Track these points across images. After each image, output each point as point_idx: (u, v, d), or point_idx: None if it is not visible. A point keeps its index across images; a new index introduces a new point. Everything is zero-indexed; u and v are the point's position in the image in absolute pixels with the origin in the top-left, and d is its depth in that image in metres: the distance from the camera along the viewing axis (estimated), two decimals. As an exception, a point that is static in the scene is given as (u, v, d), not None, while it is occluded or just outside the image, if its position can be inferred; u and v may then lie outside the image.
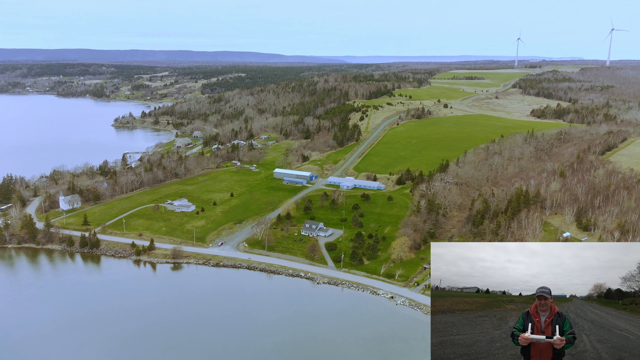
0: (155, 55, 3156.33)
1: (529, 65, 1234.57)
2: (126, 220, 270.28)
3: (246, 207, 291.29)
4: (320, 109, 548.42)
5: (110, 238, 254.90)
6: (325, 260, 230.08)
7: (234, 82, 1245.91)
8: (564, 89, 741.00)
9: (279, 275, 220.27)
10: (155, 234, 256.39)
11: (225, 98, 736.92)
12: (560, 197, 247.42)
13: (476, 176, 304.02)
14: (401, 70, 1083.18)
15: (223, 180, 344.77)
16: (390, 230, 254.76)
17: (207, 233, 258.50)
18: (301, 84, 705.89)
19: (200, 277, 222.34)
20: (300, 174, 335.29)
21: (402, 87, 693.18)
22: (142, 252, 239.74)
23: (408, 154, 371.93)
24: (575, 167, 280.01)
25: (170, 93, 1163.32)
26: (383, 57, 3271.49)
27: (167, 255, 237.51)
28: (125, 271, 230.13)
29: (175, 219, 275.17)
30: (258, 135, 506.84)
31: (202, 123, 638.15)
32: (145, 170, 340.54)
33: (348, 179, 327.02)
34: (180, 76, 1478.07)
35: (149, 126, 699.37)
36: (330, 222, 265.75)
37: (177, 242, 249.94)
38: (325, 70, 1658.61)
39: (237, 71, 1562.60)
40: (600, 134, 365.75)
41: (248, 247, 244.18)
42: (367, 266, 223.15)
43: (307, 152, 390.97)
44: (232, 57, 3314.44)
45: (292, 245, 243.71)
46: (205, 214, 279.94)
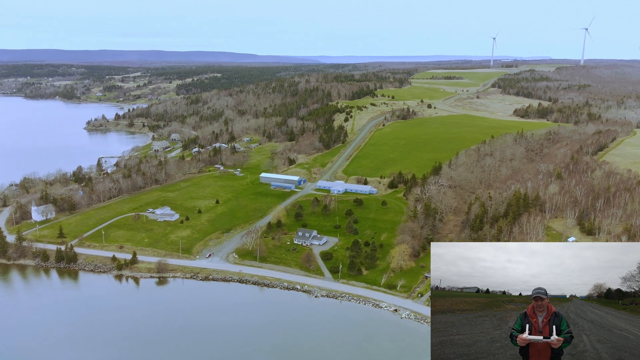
0: (126, 56, 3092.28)
1: (505, 64, 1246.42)
2: (105, 231, 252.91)
3: (233, 215, 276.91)
4: (303, 110, 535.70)
5: (89, 251, 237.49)
6: (322, 270, 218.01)
7: (209, 83, 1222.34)
8: (542, 88, 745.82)
9: (273, 289, 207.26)
10: (137, 246, 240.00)
11: (203, 99, 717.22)
12: (560, 200, 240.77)
13: (470, 178, 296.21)
14: (379, 70, 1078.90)
15: (206, 186, 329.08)
16: (387, 236, 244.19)
17: (194, 244, 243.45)
18: (282, 84, 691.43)
19: (188, 292, 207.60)
20: (288, 178, 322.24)
21: (383, 87, 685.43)
22: (123, 267, 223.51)
23: (397, 156, 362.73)
24: (571, 168, 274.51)
25: (143, 94, 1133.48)
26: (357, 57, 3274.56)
27: (152, 269, 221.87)
28: (106, 287, 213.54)
29: (158, 229, 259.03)
30: (240, 137, 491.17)
31: (180, 125, 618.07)
32: (123, 177, 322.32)
33: (338, 183, 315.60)
34: (153, 77, 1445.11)
35: (123, 129, 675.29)
36: (323, 229, 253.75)
37: (161, 254, 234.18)
38: (302, 70, 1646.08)
39: (212, 71, 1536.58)
40: (589, 134, 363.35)
41: (238, 258, 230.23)
42: (367, 276, 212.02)
43: (292, 155, 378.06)
44: (206, 57, 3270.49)
45: (285, 255, 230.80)
46: (190, 223, 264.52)
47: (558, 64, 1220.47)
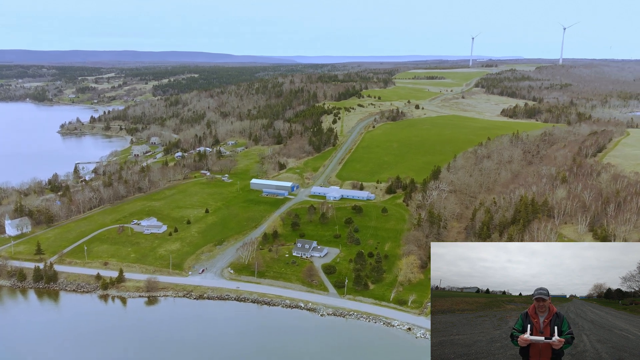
0: (98, 56, 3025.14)
1: (485, 64, 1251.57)
2: (87, 246, 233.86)
3: (225, 225, 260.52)
4: (289, 111, 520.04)
5: (70, 269, 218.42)
6: (325, 286, 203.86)
7: (187, 84, 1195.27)
8: (525, 88, 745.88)
9: (275, 307, 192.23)
10: (123, 262, 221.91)
11: (183, 100, 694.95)
12: (569, 205, 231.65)
13: (470, 183, 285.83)
14: (361, 71, 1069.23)
15: (194, 193, 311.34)
16: (390, 246, 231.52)
17: (185, 258, 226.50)
18: (265, 85, 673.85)
19: (181, 313, 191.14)
20: (280, 184, 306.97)
21: (368, 87, 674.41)
22: (109, 285, 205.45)
23: (391, 159, 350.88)
24: (575, 171, 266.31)
25: (119, 95, 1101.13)
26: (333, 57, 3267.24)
27: (140, 287, 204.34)
28: (91, 309, 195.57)
29: (145, 242, 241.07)
30: (224, 140, 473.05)
31: (159, 128, 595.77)
32: (104, 186, 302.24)
33: (333, 188, 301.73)
34: (128, 77, 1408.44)
35: (99, 132, 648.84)
36: (322, 240, 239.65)
37: (150, 270, 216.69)
38: (281, 71, 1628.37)
39: (189, 72, 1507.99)
40: (585, 134, 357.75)
41: (234, 273, 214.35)
42: (374, 291, 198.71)
43: (282, 159, 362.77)
44: (181, 57, 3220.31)
45: (284, 269, 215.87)
46: (179, 235, 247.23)
47: (531, 63, 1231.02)
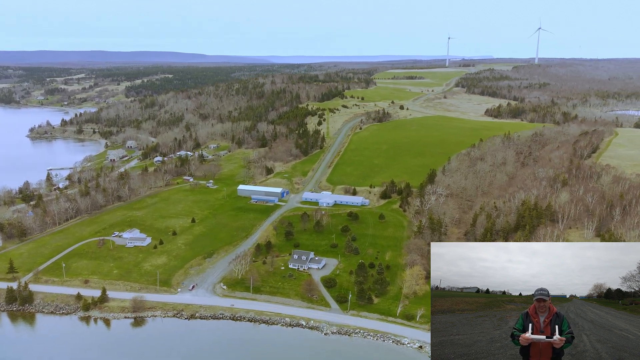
0: (67, 56, 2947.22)
1: (462, 63, 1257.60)
2: (65, 262, 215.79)
3: (214, 236, 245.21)
4: (272, 113, 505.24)
5: (47, 288, 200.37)
6: (327, 301, 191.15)
7: (161, 84, 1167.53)
8: (505, 87, 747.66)
9: (274, 326, 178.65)
10: (105, 279, 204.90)
11: (159, 102, 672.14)
12: (573, 210, 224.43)
13: (466, 186, 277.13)
14: (340, 70, 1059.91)
15: (177, 201, 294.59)
16: (392, 256, 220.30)
17: (172, 273, 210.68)
18: (246, 85, 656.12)
19: (172, 335, 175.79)
20: (270, 190, 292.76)
21: (351, 88, 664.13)
22: (91, 306, 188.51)
23: (382, 162, 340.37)
24: (574, 173, 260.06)
25: (90, 97, 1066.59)
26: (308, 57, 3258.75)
27: (126, 307, 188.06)
28: (71, 333, 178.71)
29: (128, 256, 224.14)
30: (206, 144, 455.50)
31: (135, 131, 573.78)
32: (81, 195, 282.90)
33: (325, 194, 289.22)
34: (99, 78, 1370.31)
35: (71, 136, 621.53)
36: (319, 250, 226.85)
37: (135, 288, 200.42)
38: (256, 71, 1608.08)
39: (162, 72, 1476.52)
40: (575, 135, 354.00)
41: (227, 289, 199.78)
42: (379, 305, 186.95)
43: (269, 163, 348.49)
44: (152, 57, 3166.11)
45: (281, 283, 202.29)
46: (165, 248, 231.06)
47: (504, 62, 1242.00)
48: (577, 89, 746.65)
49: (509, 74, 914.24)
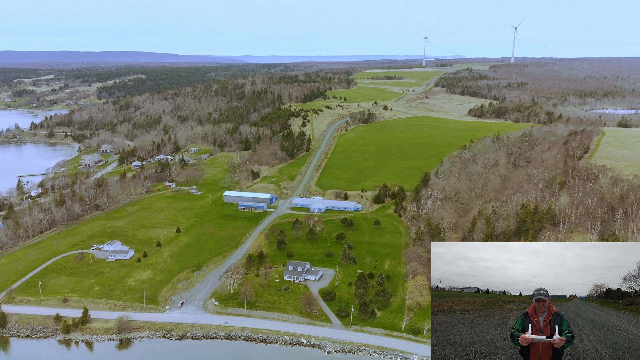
0: (34, 57, 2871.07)
1: (440, 63, 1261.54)
2: (41, 279, 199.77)
3: (201, 247, 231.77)
4: (254, 114, 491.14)
5: (22, 309, 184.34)
6: (327, 316, 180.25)
7: (134, 85, 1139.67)
8: (485, 87, 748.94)
9: (273, 345, 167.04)
10: (86, 298, 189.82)
11: (134, 104, 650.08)
12: (574, 213, 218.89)
13: (461, 189, 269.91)
14: (318, 71, 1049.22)
15: (160, 209, 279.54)
16: (391, 264, 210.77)
17: (159, 289, 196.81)
18: (225, 86, 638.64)
19: (162, 357, 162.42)
20: (258, 196, 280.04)
21: (332, 88, 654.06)
22: (72, 328, 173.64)
23: (372, 165, 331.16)
24: (570, 175, 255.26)
25: (60, 99, 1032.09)
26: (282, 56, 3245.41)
27: (110, 329, 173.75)
28: (50, 358, 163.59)
29: (110, 271, 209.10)
30: (186, 147, 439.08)
31: (110, 134, 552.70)
32: (56, 204, 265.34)
33: (316, 199, 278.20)
34: (69, 79, 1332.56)
35: (42, 140, 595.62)
36: (314, 260, 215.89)
37: (119, 307, 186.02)
38: (232, 71, 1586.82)
39: (135, 72, 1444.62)
40: (564, 135, 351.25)
41: (220, 305, 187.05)
42: (382, 319, 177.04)
43: (254, 167, 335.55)
44: (123, 57, 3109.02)
45: (277, 297, 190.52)
46: (149, 261, 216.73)
47: (478, 62, 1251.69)
48: (554, 88, 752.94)
49: (487, 73, 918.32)
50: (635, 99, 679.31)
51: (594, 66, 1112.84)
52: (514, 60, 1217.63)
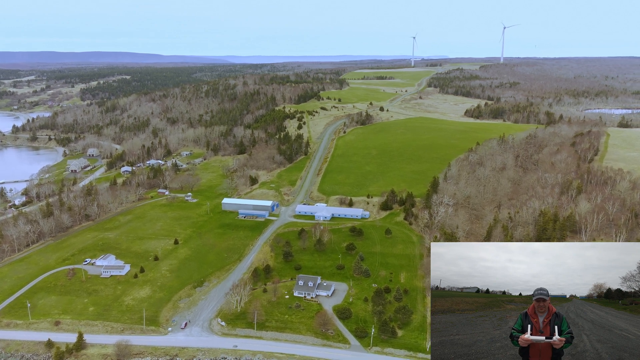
0: (13, 57, 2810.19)
1: (429, 63, 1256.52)
2: (29, 299, 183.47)
3: (202, 260, 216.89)
4: (248, 116, 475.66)
5: (9, 334, 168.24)
6: (344, 336, 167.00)
7: (119, 86, 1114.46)
8: (478, 87, 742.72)
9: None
10: (80, 320, 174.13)
11: (121, 105, 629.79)
12: (595, 219, 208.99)
13: (472, 194, 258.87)
14: (308, 71, 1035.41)
15: (155, 219, 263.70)
16: (407, 277, 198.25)
17: (159, 308, 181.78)
18: (216, 87, 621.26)
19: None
20: (258, 203, 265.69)
21: (325, 89, 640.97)
22: (65, 355, 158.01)
23: (374, 169, 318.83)
24: (586, 179, 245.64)
25: (42, 100, 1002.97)
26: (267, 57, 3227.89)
27: (108, 355, 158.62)
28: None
29: (105, 289, 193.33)
30: (177, 151, 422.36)
31: (96, 137, 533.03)
32: (43, 215, 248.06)
33: (320, 206, 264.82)
34: (51, 80, 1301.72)
35: (24, 143, 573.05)
36: (324, 273, 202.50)
37: (117, 329, 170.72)
38: (218, 71, 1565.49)
39: (119, 73, 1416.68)
40: (569, 136, 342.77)
41: (227, 326, 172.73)
42: (404, 339, 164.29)
43: (252, 172, 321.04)
44: (105, 57, 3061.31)
45: (288, 316, 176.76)
46: (147, 277, 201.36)
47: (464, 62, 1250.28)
48: (546, 88, 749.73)
49: (478, 73, 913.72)
50: (628, 98, 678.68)
51: (582, 66, 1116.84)
52: (503, 60, 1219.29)
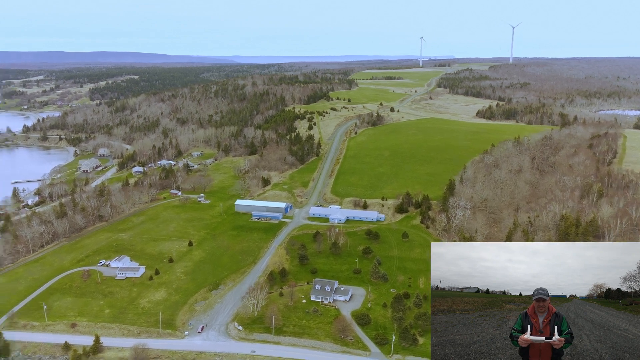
0: (21, 57, 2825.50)
1: (438, 63, 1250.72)
2: (45, 300, 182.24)
3: (216, 262, 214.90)
4: (258, 117, 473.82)
5: (26, 336, 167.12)
6: (364, 343, 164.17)
7: (127, 86, 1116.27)
8: (488, 87, 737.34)
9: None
10: (96, 322, 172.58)
11: (130, 105, 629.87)
12: (619, 224, 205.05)
13: (489, 197, 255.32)
14: (316, 71, 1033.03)
15: (168, 220, 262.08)
16: (426, 283, 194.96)
17: (176, 311, 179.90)
18: (225, 87, 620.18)
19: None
20: (272, 205, 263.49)
21: (334, 89, 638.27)
22: (83, 358, 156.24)
23: (388, 170, 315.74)
24: (607, 182, 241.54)
25: (52, 100, 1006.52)
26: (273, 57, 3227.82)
27: (125, 358, 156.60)
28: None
29: (121, 291, 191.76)
30: (188, 151, 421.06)
31: (106, 137, 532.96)
32: (56, 216, 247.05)
33: (334, 208, 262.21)
34: (60, 80, 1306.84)
35: (35, 143, 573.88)
36: (341, 277, 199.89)
37: (134, 332, 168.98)
38: (225, 71, 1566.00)
39: (127, 73, 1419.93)
40: (586, 138, 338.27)
41: (244, 330, 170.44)
42: (425, 347, 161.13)
43: (264, 173, 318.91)
44: (112, 57, 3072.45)
45: (306, 321, 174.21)
46: (162, 279, 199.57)
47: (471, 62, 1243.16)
48: (557, 88, 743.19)
49: (488, 73, 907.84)
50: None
51: (592, 66, 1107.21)
52: (512, 60, 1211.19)
